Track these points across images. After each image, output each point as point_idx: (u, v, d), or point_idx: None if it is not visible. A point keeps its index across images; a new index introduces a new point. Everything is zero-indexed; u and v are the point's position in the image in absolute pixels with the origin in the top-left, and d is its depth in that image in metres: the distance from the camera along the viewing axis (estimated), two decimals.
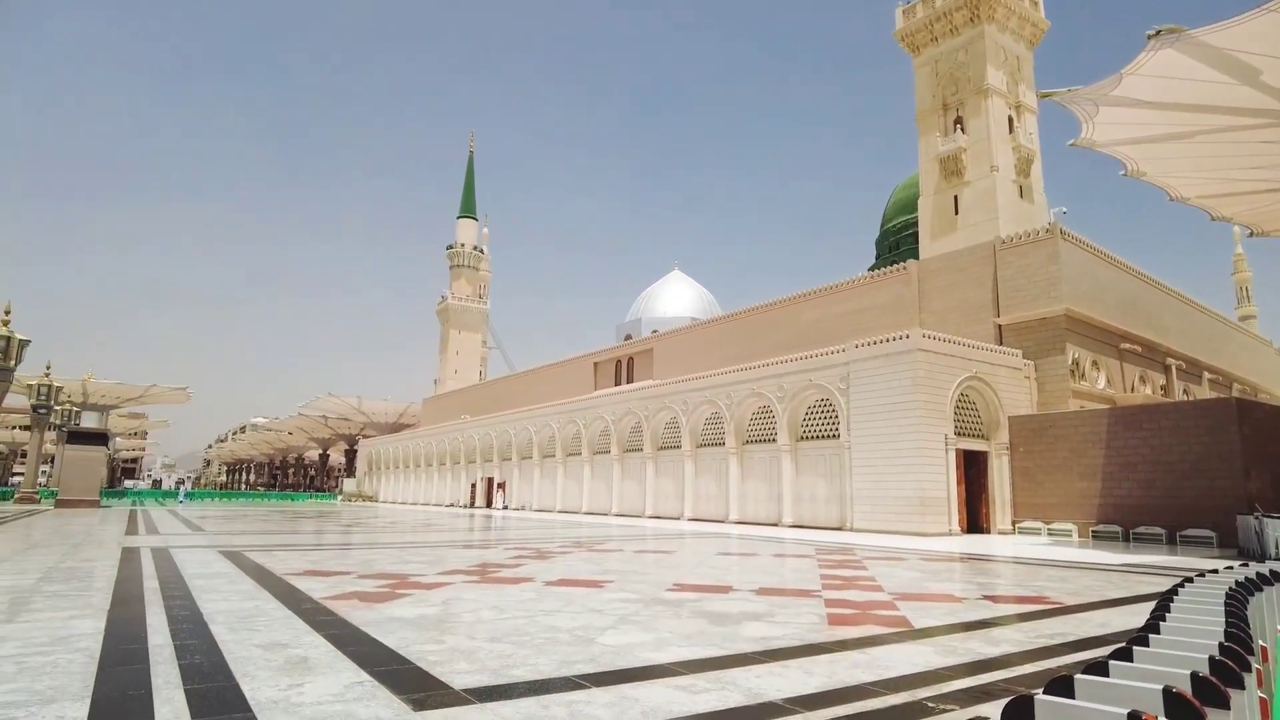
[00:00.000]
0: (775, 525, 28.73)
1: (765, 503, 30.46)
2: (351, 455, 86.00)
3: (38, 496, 39.91)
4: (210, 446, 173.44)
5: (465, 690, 4.52)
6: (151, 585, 9.17)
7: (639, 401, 38.02)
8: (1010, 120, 40.14)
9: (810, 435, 29.10)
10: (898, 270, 34.53)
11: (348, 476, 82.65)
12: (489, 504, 49.51)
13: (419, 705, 4.19)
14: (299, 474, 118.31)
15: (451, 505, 53.68)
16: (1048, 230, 28.83)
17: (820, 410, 28.76)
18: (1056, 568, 13.56)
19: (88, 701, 4.16)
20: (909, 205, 50.38)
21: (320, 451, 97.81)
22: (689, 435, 34.36)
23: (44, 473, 50.44)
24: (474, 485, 52.89)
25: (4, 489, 46.12)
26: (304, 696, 4.32)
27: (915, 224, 46.27)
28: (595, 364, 53.00)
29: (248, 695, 4.33)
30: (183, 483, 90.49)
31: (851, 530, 25.35)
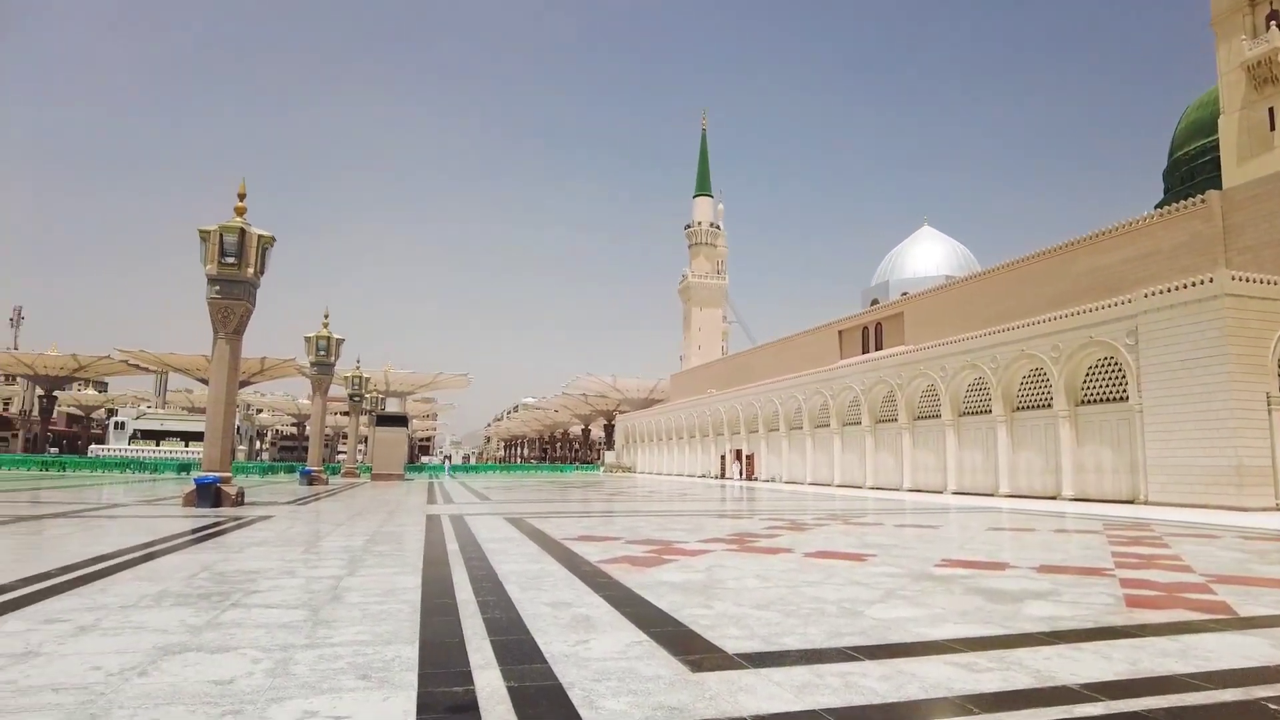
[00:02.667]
0: (1053, 499, 26.35)
1: (1040, 474, 28.01)
2: (610, 429, 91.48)
3: (357, 471, 46.72)
4: (489, 425, 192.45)
5: (738, 655, 4.66)
6: (453, 548, 10.41)
7: (891, 369, 36.48)
8: None
9: (1091, 398, 26.24)
10: (1194, 204, 29.85)
11: (608, 449, 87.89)
12: (739, 475, 50.21)
13: (696, 667, 4.38)
14: (565, 448, 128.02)
15: (703, 476, 55.16)
16: None
17: (1103, 370, 25.81)
18: None
19: (416, 645, 4.84)
20: (1205, 127, 43.30)
21: (582, 427, 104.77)
22: (949, 403, 32.42)
23: (360, 451, 59.10)
24: (723, 457, 53.89)
25: (332, 465, 54.56)
26: (590, 652, 4.70)
27: (1214, 148, 39.73)
28: (840, 332, 51.55)
29: (542, 648, 4.78)
30: (449, 458, 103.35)
31: (1145, 503, 22.59)
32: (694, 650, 4.78)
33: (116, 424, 74.13)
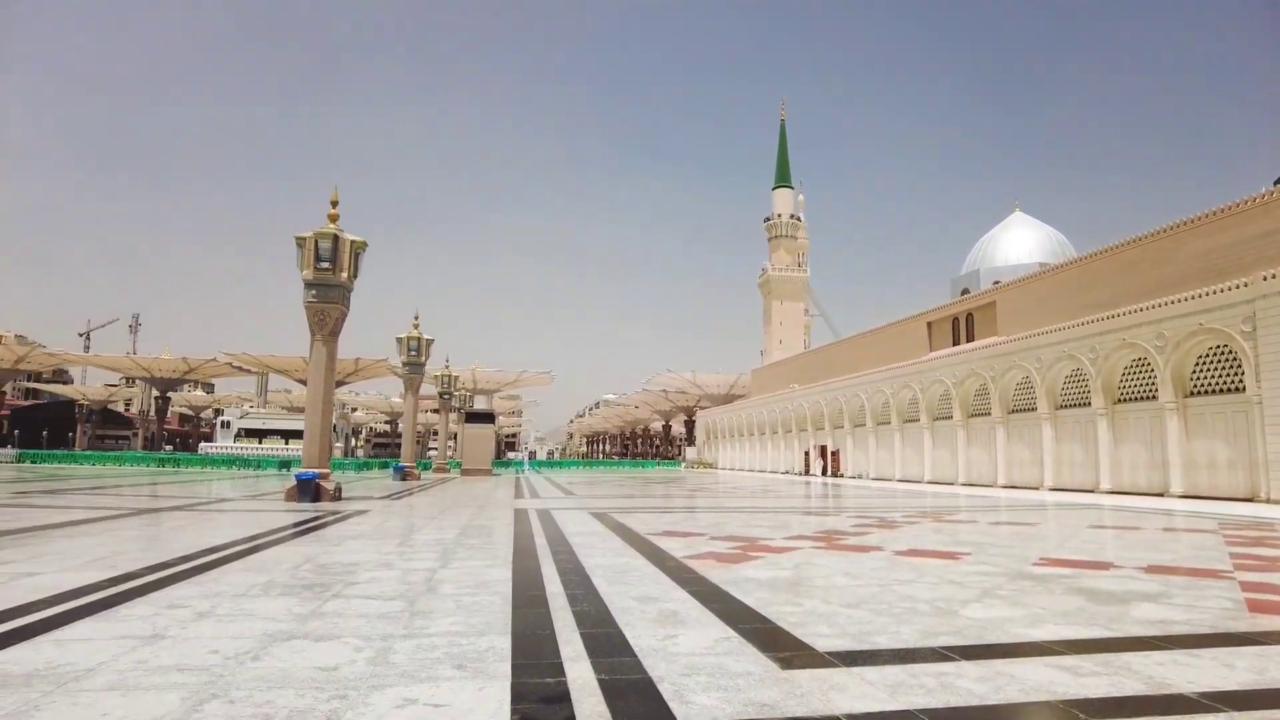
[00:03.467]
0: (1159, 496, 25.00)
1: (1145, 470, 26.62)
2: (690, 425, 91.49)
3: (447, 466, 48.31)
4: (572, 421, 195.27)
5: (828, 653, 4.59)
6: (540, 541, 10.59)
7: (983, 361, 35.27)
8: None
9: (1202, 389, 24.78)
10: None
11: (689, 445, 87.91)
12: (823, 472, 49.44)
13: (786, 664, 4.34)
14: (646, 443, 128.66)
15: (786, 472, 54.56)
16: None
17: (1216, 359, 24.34)
18: None
19: (509, 636, 4.95)
20: None
21: (663, 423, 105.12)
22: (1045, 396, 31.14)
23: (450, 446, 60.79)
24: (807, 453, 53.16)
25: (424, 461, 56.35)
26: (679, 647, 4.71)
27: None
28: (929, 323, 50.08)
29: (631, 642, 4.82)
30: (533, 453, 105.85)
31: (1267, 501, 21.19)
32: (783, 647, 4.74)
33: (223, 423, 78.07)
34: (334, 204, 19.14)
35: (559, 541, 10.57)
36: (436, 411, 60.85)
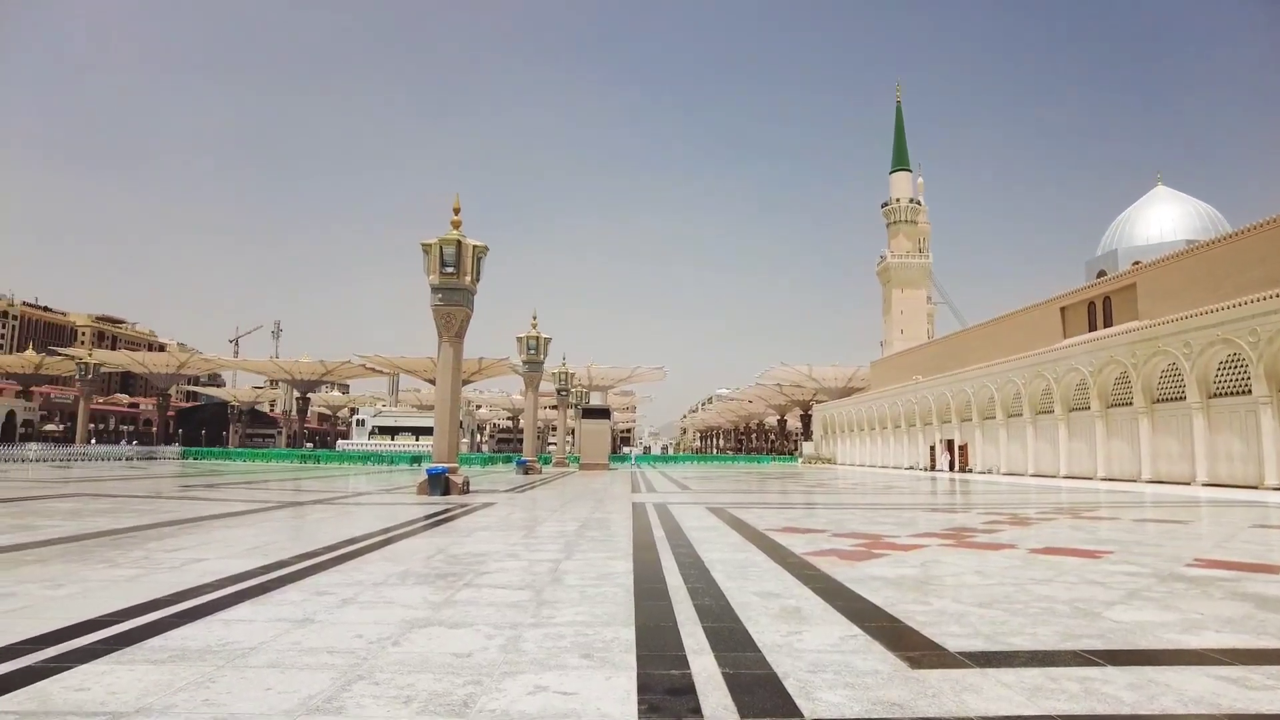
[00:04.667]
0: None
1: None
2: (806, 420, 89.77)
3: (566, 461, 49.37)
4: (684, 416, 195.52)
5: (960, 653, 4.43)
6: (659, 535, 10.69)
7: (1124, 348, 32.99)
8: None
9: None
10: None
11: (805, 440, 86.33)
12: (950, 467, 47.53)
13: (915, 664, 4.22)
14: (760, 438, 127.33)
15: (909, 468, 52.78)
16: None
17: None
18: None
19: (632, 628, 5.03)
20: None
21: (778, 417, 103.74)
22: (1195, 383, 28.83)
23: (568, 441, 62.38)
24: (932, 448, 51.25)
25: (544, 455, 57.87)
26: (803, 644, 4.65)
27: None
28: (1062, 309, 47.20)
29: (754, 637, 4.80)
30: (648, 448, 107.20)
31: None
32: (912, 646, 4.60)
33: (358, 421, 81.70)
34: (456, 211, 20.00)
35: (677, 535, 10.63)
36: (555, 408, 62.43)
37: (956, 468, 46.83)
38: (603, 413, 51.82)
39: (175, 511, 13.33)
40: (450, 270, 19.38)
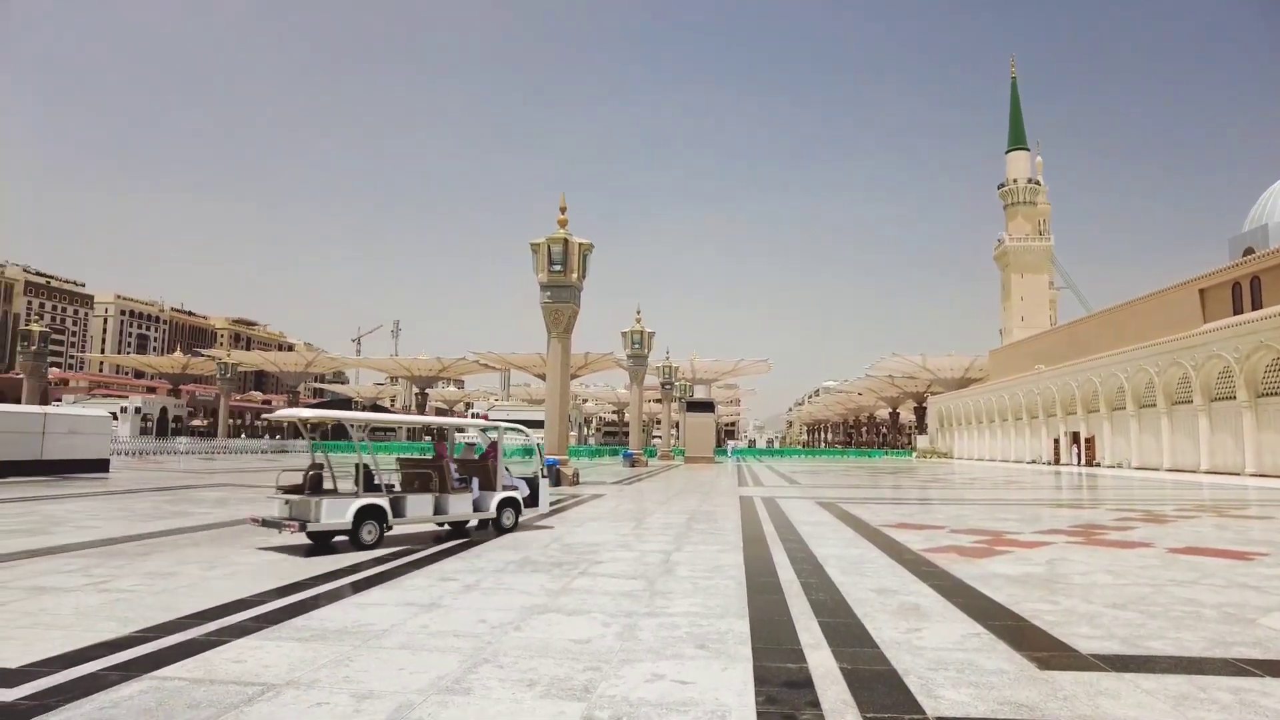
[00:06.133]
0: None
1: None
2: (920, 412, 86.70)
3: (671, 454, 49.61)
4: (790, 409, 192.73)
5: (1093, 655, 4.22)
6: (769, 529, 10.62)
7: (1273, 332, 30.34)
8: None
9: None
10: None
11: (919, 433, 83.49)
12: (1076, 461, 44.98)
13: (1044, 665, 4.05)
14: (871, 431, 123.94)
15: (1033, 462, 50.24)
16: None
17: None
18: None
19: (746, 620, 5.04)
20: None
21: (890, 410, 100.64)
22: None
23: (673, 434, 62.71)
24: (1056, 440, 48.63)
25: (650, 448, 58.33)
26: (924, 641, 4.54)
27: None
28: (1202, 290, 43.72)
29: (871, 633, 4.72)
30: (752, 441, 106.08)
31: None
32: (1040, 647, 4.42)
33: (473, 415, 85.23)
34: (563, 210, 20.47)
35: (787, 530, 10.53)
36: (659, 401, 62.80)
37: (1083, 461, 44.26)
38: (707, 406, 51.59)
39: None
40: (558, 269, 19.87)
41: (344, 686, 3.60)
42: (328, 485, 8.32)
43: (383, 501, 8.16)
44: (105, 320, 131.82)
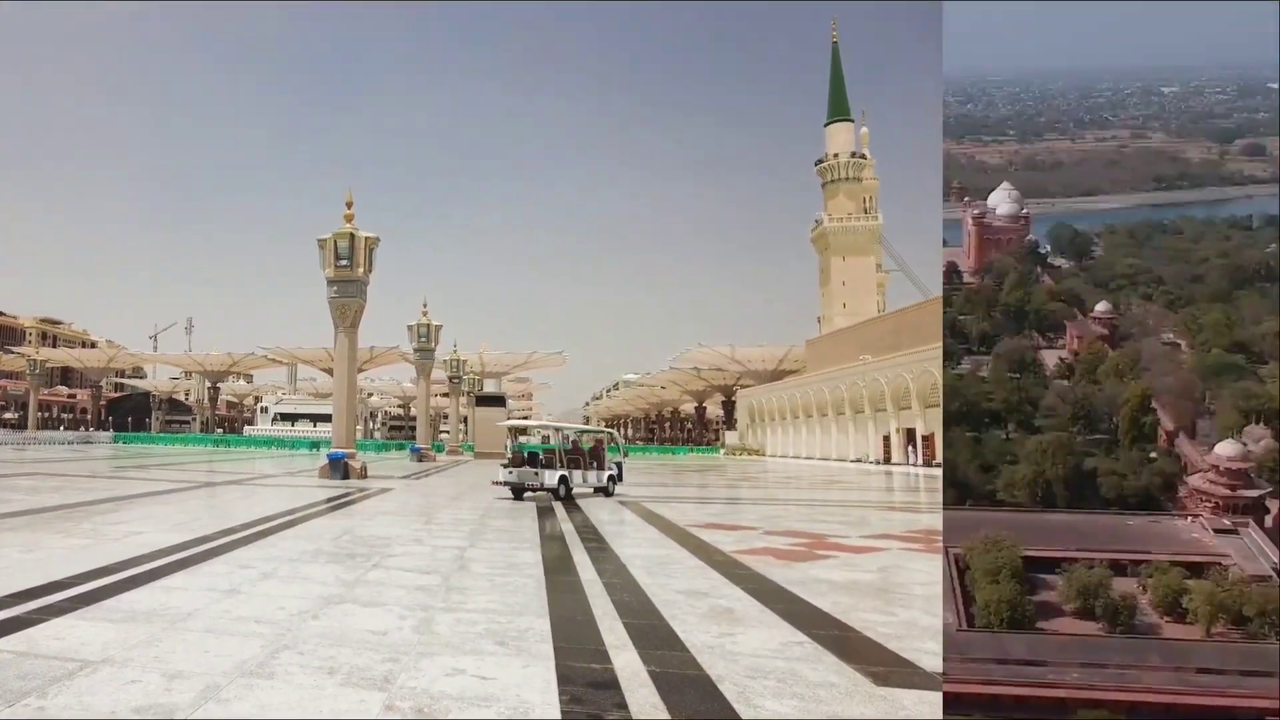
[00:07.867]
0: None
1: None
2: (729, 407, 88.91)
3: (460, 449, 50.50)
4: (588, 404, 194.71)
5: (939, 674, 4.48)
6: (568, 527, 10.98)
7: None
8: None
9: None
10: None
11: (727, 429, 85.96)
12: (914, 460, 46.65)
13: (881, 680, 4.20)
14: (675, 428, 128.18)
15: (858, 461, 51.66)
16: None
17: None
18: None
19: (547, 619, 5.25)
20: None
21: (696, 404, 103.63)
22: None
23: (461, 430, 63.34)
24: (887, 438, 50.73)
25: (437, 443, 58.19)
26: (739, 647, 4.75)
27: None
28: None
29: (681, 636, 4.93)
30: (546, 438, 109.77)
31: None
32: (876, 661, 4.59)
33: (262, 409, 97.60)
34: (349, 205, 22.43)
35: (587, 529, 10.94)
36: (448, 395, 63.11)
37: (923, 461, 45.86)
38: (498, 400, 54.03)
39: (113, 490, 15.98)
40: (345, 264, 21.75)
41: (155, 665, 3.97)
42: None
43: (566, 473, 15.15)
44: None
